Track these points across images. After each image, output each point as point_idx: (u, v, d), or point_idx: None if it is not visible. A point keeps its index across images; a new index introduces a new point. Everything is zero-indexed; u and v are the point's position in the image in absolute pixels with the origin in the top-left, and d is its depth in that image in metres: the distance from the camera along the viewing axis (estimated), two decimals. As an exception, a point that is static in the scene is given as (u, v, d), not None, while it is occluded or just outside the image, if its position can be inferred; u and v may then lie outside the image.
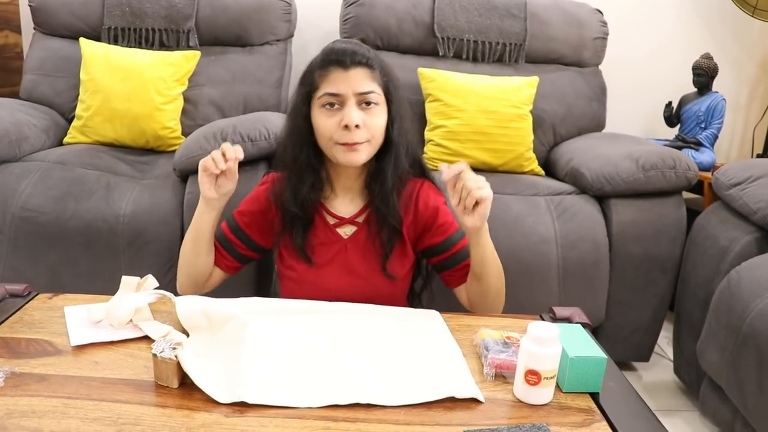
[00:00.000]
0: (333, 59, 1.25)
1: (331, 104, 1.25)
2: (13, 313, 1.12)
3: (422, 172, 1.41)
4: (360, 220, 1.36)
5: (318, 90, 1.27)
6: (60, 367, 0.95)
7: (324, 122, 1.26)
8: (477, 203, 1.16)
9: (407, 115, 1.35)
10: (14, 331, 1.06)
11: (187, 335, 1.05)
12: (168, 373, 0.90)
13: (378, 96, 1.26)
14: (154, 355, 0.90)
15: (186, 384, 0.91)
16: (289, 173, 1.33)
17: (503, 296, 1.35)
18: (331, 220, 1.36)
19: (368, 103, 1.25)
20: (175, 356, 0.89)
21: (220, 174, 1.26)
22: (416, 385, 0.94)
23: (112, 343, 1.03)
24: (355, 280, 1.34)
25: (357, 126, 1.23)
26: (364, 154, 1.27)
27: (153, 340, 1.02)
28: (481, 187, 1.16)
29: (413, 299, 1.49)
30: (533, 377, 0.91)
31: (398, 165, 1.31)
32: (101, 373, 0.94)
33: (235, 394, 0.88)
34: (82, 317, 1.10)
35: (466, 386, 0.95)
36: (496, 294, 1.33)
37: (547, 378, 0.91)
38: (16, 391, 0.89)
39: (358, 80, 1.24)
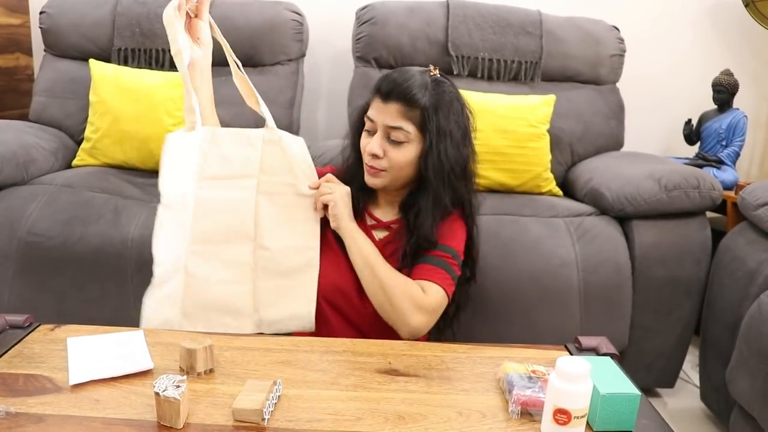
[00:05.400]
0: (377, 88, 1.34)
1: (369, 129, 1.35)
2: (13, 346, 1.07)
3: (461, 206, 1.42)
4: (394, 227, 1.41)
5: (367, 111, 1.37)
6: (59, 406, 0.90)
7: (361, 142, 1.38)
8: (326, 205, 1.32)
9: (457, 152, 1.34)
10: (12, 366, 1.01)
11: None
12: (171, 413, 0.85)
13: (406, 134, 1.31)
14: (157, 394, 0.84)
15: (191, 424, 0.86)
16: (345, 175, 1.43)
17: (394, 317, 1.27)
18: (370, 221, 1.44)
19: (394, 139, 1.32)
20: (179, 395, 0.84)
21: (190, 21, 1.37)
22: None
23: (113, 379, 0.98)
24: None
25: (376, 155, 1.32)
26: (380, 181, 1.36)
27: (157, 376, 0.96)
28: (327, 192, 1.31)
29: (444, 326, 1.45)
30: (563, 416, 0.85)
31: (437, 203, 1.35)
32: (102, 412, 0.89)
33: None
34: (85, 349, 1.05)
35: None
36: (378, 305, 1.29)
37: (577, 417, 0.85)
38: (10, 433, 0.84)
39: (391, 114, 1.30)
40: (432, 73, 1.35)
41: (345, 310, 1.37)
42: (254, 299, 1.33)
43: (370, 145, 1.32)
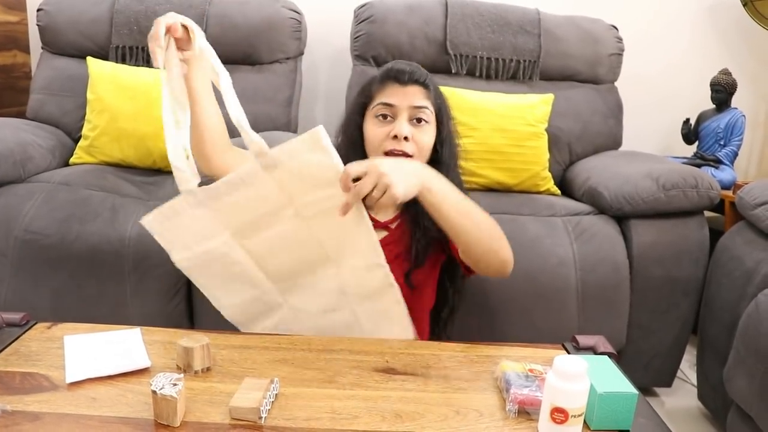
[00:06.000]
0: (392, 75, 1.32)
1: (384, 115, 1.31)
2: (9, 344, 1.07)
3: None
4: (393, 226, 1.37)
5: (373, 101, 1.34)
6: (55, 404, 0.90)
7: (374, 131, 1.32)
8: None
9: (456, 140, 1.41)
10: (9, 364, 1.00)
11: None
12: (168, 411, 0.84)
13: (430, 114, 1.32)
14: (154, 392, 0.84)
15: (188, 422, 0.86)
16: None
17: (497, 248, 1.21)
18: None
19: (419, 120, 1.31)
20: (176, 393, 0.83)
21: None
22: None
23: (110, 377, 0.97)
24: None
25: (406, 138, 1.28)
26: None
27: (154, 374, 0.96)
28: (379, 177, 1.03)
29: (439, 327, 1.46)
30: (560, 415, 0.84)
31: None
32: (99, 410, 0.89)
33: None
34: (82, 347, 1.05)
35: None
36: (484, 250, 1.20)
37: (574, 416, 0.85)
38: None
39: (414, 95, 1.31)
40: None
41: None
42: (359, 324, 1.22)
43: (398, 128, 1.27)
